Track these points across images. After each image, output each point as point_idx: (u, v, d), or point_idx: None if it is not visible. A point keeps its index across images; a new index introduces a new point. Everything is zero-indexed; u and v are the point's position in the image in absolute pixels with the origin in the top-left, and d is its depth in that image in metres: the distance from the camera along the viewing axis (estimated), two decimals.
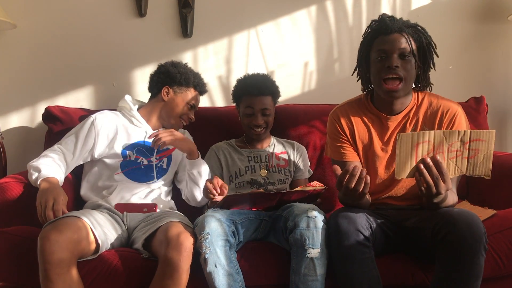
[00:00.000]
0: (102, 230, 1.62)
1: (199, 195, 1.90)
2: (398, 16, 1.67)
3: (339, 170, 1.47)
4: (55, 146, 1.86)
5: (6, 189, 1.68)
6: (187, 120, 2.02)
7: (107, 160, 1.89)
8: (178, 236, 1.50)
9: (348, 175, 1.43)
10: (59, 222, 1.51)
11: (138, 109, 2.00)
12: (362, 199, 1.51)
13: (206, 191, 1.76)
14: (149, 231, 1.63)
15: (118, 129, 1.91)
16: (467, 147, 1.41)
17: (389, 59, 1.60)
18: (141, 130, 1.95)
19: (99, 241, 1.57)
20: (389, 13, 2.46)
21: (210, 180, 1.76)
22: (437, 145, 1.41)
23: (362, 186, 1.43)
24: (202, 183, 1.85)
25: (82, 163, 1.91)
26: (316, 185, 1.69)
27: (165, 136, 1.80)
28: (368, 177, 1.44)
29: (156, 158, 1.92)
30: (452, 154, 1.42)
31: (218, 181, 1.74)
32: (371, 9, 2.50)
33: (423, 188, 1.43)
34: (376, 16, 2.36)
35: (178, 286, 1.49)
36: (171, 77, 1.98)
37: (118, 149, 1.89)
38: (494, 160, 1.42)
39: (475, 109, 2.27)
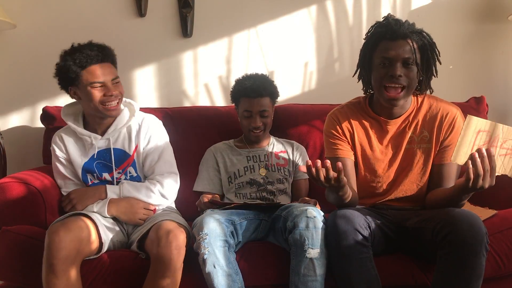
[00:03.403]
0: (104, 230, 1.63)
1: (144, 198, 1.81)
2: (398, 17, 1.66)
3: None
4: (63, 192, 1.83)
5: (6, 189, 1.68)
6: (111, 99, 1.74)
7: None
8: (168, 234, 1.50)
9: (314, 170, 1.40)
10: (68, 220, 1.54)
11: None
12: (341, 191, 1.50)
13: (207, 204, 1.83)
14: (142, 232, 1.64)
15: (70, 152, 1.81)
16: None
17: (392, 67, 1.58)
18: (89, 144, 1.80)
19: (103, 241, 1.59)
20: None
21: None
22: (493, 138, 1.40)
23: (331, 172, 1.40)
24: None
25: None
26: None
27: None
28: (328, 161, 1.41)
29: (119, 172, 1.82)
30: (503, 151, 1.41)
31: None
32: (371, 9, 2.50)
33: (471, 176, 1.39)
34: (376, 16, 2.36)
35: (172, 284, 1.49)
36: (63, 79, 1.77)
37: (79, 172, 1.81)
38: None
39: (475, 109, 2.27)
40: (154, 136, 1.84)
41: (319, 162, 1.40)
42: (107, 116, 1.78)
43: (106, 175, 1.82)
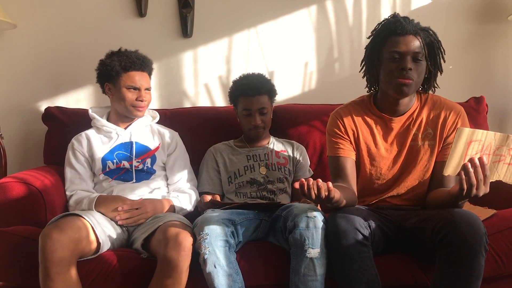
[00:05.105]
0: (102, 229, 1.63)
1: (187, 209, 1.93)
2: None
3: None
4: (67, 193, 1.87)
5: (6, 189, 1.68)
6: (141, 104, 1.92)
7: (97, 175, 1.92)
8: (177, 236, 1.50)
9: (306, 189, 1.40)
10: (61, 221, 1.53)
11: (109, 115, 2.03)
12: (333, 205, 1.50)
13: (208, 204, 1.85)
14: (148, 231, 1.63)
15: (92, 145, 1.92)
16: (511, 153, 1.40)
17: (403, 61, 1.59)
18: (113, 135, 1.95)
19: (100, 241, 1.58)
20: (389, 13, 2.47)
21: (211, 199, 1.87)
22: (486, 146, 1.40)
23: (323, 192, 1.39)
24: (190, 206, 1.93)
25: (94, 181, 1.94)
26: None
27: (125, 219, 1.74)
28: (320, 181, 1.40)
29: (138, 162, 1.91)
30: (496, 158, 1.40)
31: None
32: (371, 9, 2.50)
33: (464, 187, 1.39)
34: (376, 16, 2.36)
35: (178, 285, 1.49)
36: (103, 74, 1.95)
37: (98, 162, 1.90)
38: None
39: (475, 109, 2.27)
40: (180, 143, 2.04)
41: (311, 181, 1.40)
42: (133, 116, 1.95)
43: (125, 163, 1.91)
